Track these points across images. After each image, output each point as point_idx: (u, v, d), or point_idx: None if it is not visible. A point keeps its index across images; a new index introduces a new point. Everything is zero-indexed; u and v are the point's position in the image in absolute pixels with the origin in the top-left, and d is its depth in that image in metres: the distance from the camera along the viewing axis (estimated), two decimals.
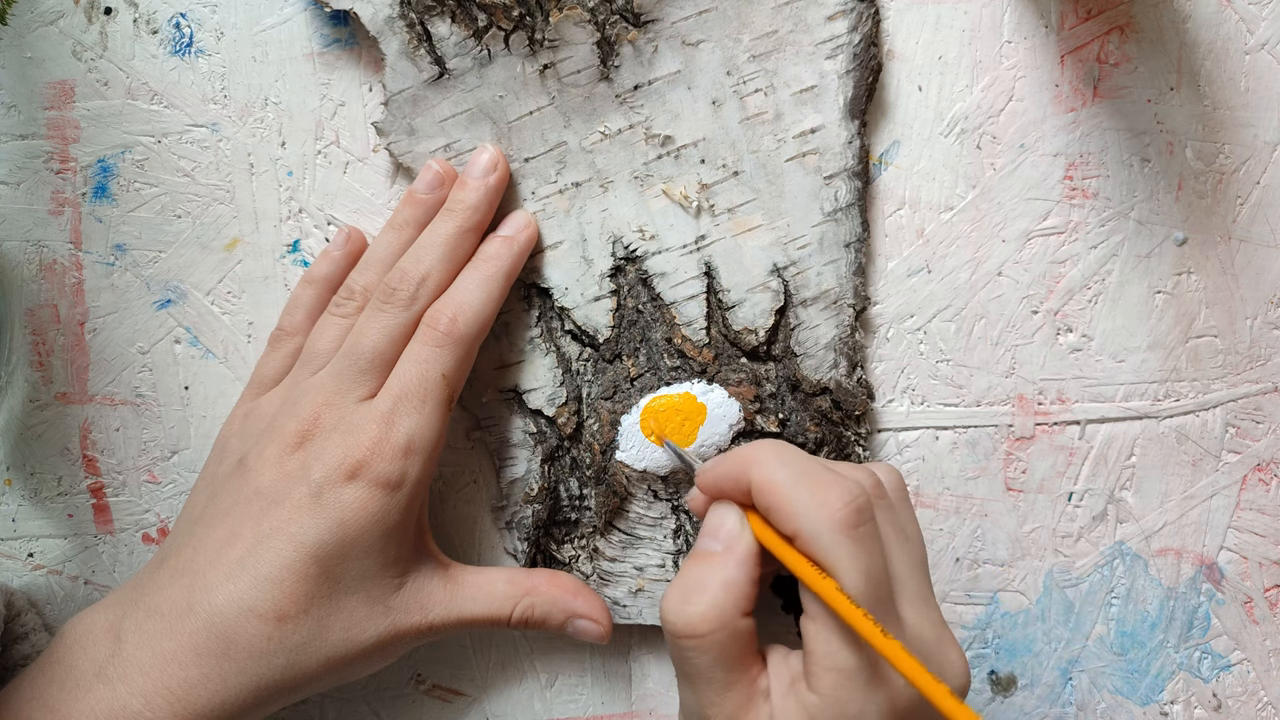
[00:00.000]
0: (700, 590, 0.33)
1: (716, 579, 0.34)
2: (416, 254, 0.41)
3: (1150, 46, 0.43)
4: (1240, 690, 0.45)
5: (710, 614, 0.33)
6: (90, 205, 0.44)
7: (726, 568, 0.34)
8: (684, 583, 0.34)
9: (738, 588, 0.33)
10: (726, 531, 0.35)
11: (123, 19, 0.43)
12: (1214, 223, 0.44)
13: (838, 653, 0.32)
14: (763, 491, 0.34)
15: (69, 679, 0.36)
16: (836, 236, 0.43)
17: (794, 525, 0.33)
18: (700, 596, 0.33)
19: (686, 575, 0.34)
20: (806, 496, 0.33)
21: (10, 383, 0.44)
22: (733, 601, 0.33)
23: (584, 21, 0.41)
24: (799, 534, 0.33)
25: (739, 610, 0.33)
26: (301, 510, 0.37)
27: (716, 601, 0.33)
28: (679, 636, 0.33)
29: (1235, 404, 0.45)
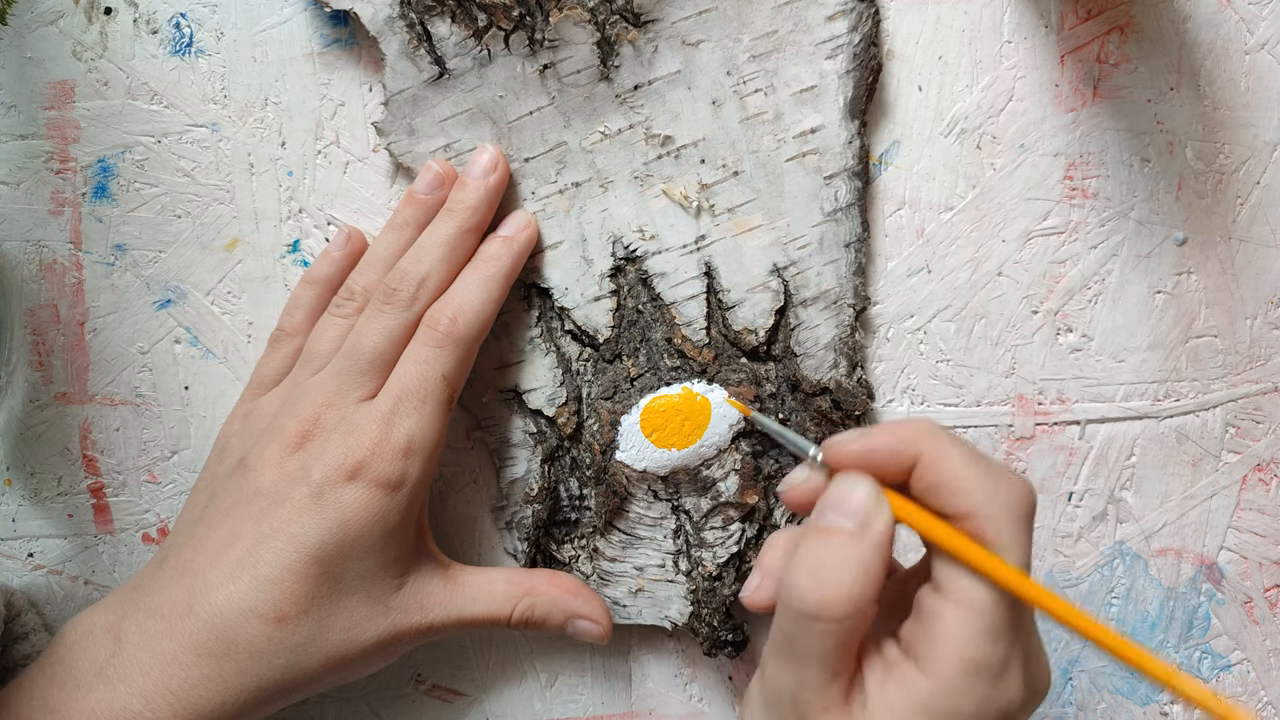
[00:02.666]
0: (835, 570, 0.31)
1: (852, 560, 0.31)
2: (417, 254, 0.41)
3: (1150, 46, 0.43)
4: (1240, 690, 0.45)
5: (849, 598, 0.30)
6: (90, 205, 0.44)
7: (863, 549, 0.31)
8: (815, 560, 0.31)
9: (875, 571, 0.31)
10: (858, 505, 0.32)
11: (123, 19, 0.43)
12: (1214, 223, 0.44)
13: (976, 641, 0.30)
14: (935, 468, 0.32)
15: (69, 679, 0.36)
16: (836, 236, 0.43)
17: (969, 505, 0.31)
18: (835, 576, 0.31)
19: (816, 552, 0.31)
20: (989, 480, 0.31)
21: (10, 383, 0.44)
22: (871, 585, 0.31)
23: (584, 21, 0.41)
24: (973, 514, 0.31)
25: (874, 595, 0.31)
26: (302, 510, 0.37)
27: (854, 584, 0.31)
28: (810, 618, 0.31)
29: (1235, 404, 0.45)
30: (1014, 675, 0.31)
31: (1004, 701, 0.30)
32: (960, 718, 0.30)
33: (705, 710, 0.45)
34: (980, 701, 0.30)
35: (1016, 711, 0.31)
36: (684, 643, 0.45)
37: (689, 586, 0.44)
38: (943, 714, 0.30)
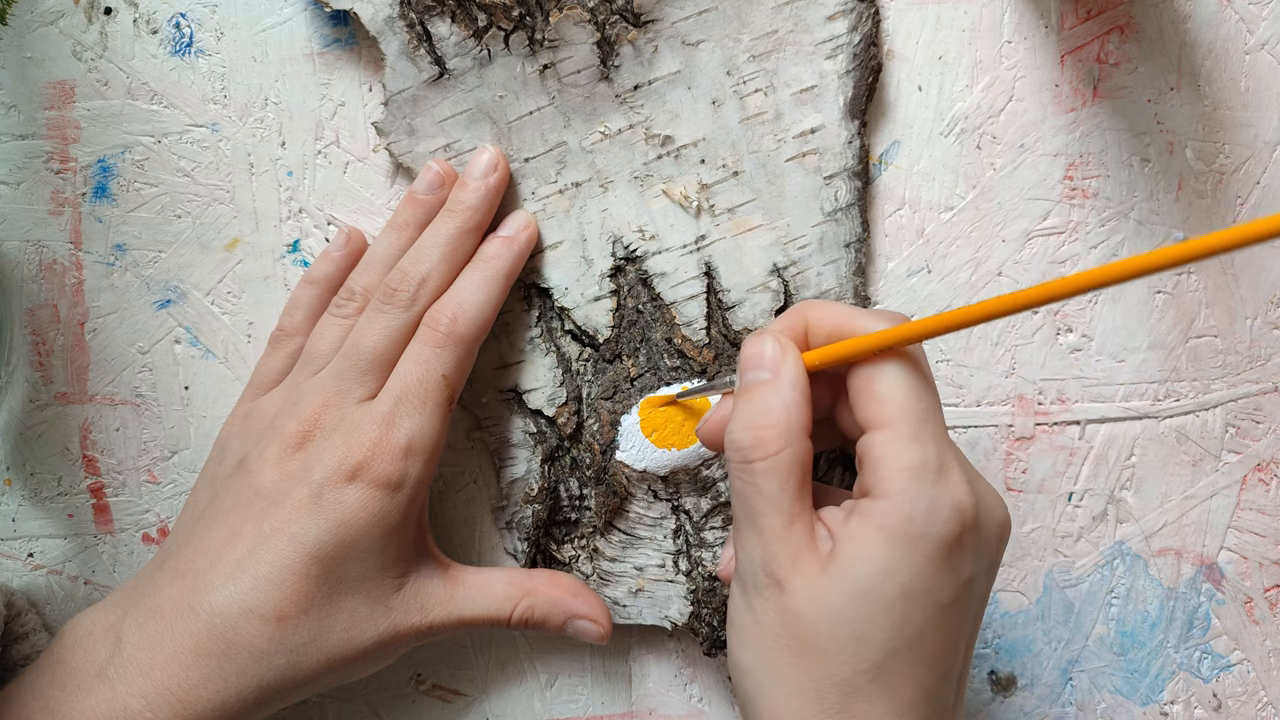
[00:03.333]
0: (762, 413, 0.34)
1: (775, 401, 0.34)
2: (417, 255, 0.41)
3: (1150, 46, 0.43)
4: (1240, 690, 0.45)
5: (779, 432, 0.33)
6: (90, 205, 0.44)
7: (781, 390, 0.34)
8: (745, 412, 0.34)
9: (797, 406, 0.34)
10: (769, 357, 0.35)
11: (123, 19, 0.43)
12: (1214, 223, 0.44)
13: (908, 450, 0.32)
14: (822, 322, 0.35)
15: (69, 679, 0.36)
16: (836, 236, 0.43)
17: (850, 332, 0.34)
18: (763, 418, 0.34)
19: (745, 406, 0.35)
20: (864, 317, 0.35)
21: (10, 383, 0.44)
22: (796, 417, 0.34)
23: (584, 21, 0.41)
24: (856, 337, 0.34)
25: (803, 427, 0.34)
26: (302, 511, 0.37)
27: (781, 418, 0.34)
28: (751, 460, 0.34)
29: (1235, 404, 0.45)
30: (955, 477, 0.33)
31: (952, 499, 0.32)
32: (917, 523, 0.32)
33: (705, 710, 0.45)
34: (929, 501, 0.32)
35: (969, 511, 0.32)
36: (684, 643, 0.45)
37: (689, 586, 0.44)
38: (899, 524, 0.32)
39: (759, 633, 0.34)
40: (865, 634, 0.32)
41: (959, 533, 0.32)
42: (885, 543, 0.32)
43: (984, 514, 0.33)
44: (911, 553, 0.32)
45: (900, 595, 0.32)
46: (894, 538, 0.32)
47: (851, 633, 0.32)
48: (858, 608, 0.32)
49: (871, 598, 0.32)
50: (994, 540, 0.34)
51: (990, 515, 0.34)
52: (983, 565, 0.34)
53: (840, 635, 0.32)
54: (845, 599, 0.32)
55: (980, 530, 0.33)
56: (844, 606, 0.32)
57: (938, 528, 0.32)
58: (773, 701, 0.33)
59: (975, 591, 0.34)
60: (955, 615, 0.33)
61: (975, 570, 0.33)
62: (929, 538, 0.32)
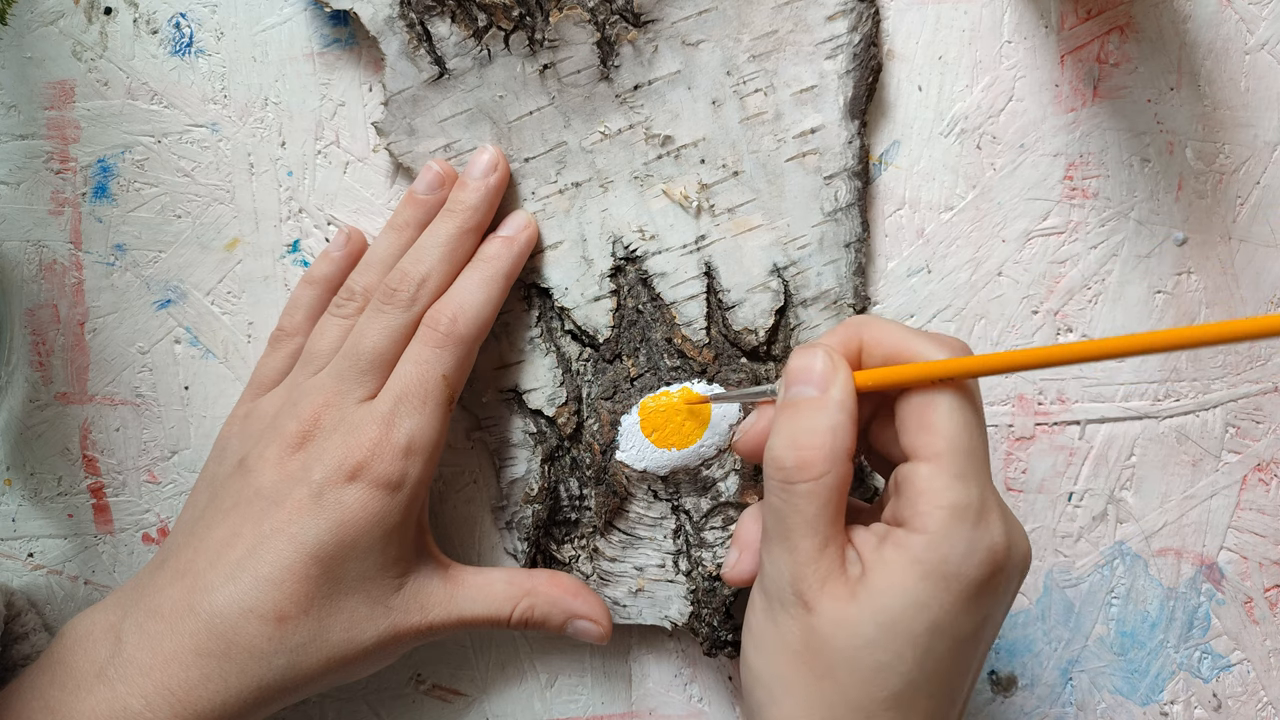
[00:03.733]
0: (807, 433, 0.33)
1: (821, 421, 0.33)
2: (417, 255, 0.41)
3: (1150, 46, 0.43)
4: (1240, 690, 0.45)
5: (823, 455, 0.33)
6: (90, 205, 0.44)
7: (829, 410, 0.34)
8: (789, 429, 0.34)
9: (843, 428, 0.33)
10: (818, 373, 0.34)
11: (123, 19, 0.43)
12: (1214, 223, 0.44)
13: (952, 488, 0.32)
14: (879, 343, 0.34)
15: (69, 679, 0.36)
16: (836, 236, 0.43)
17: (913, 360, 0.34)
18: (808, 438, 0.33)
19: (790, 423, 0.34)
20: (924, 340, 0.34)
21: (10, 383, 0.44)
22: (841, 441, 0.33)
23: (584, 21, 0.41)
24: None
25: (847, 452, 0.33)
26: (302, 511, 0.37)
27: (825, 441, 0.33)
28: (793, 481, 0.33)
29: (1235, 404, 0.45)
30: (994, 518, 0.32)
31: (989, 542, 0.32)
32: (951, 562, 0.32)
33: (705, 710, 0.45)
34: (967, 543, 0.32)
35: (1003, 554, 0.32)
36: (684, 643, 0.45)
37: (689, 586, 0.44)
38: (935, 562, 0.32)
39: (779, 645, 0.34)
40: (888, 664, 0.32)
41: (990, 575, 0.32)
42: (919, 578, 0.32)
43: (1015, 554, 0.33)
44: (944, 591, 0.32)
45: (927, 631, 0.32)
46: (928, 574, 0.32)
47: (874, 661, 0.32)
48: (885, 639, 0.32)
49: (898, 629, 0.32)
50: (1017, 577, 0.34)
51: (1018, 554, 0.33)
52: (1003, 603, 0.34)
53: (863, 663, 0.32)
54: (873, 628, 0.32)
55: (1009, 570, 0.33)
56: (871, 635, 0.32)
57: (972, 570, 0.32)
58: (782, 713, 0.33)
59: (992, 624, 0.34)
60: (972, 648, 0.33)
61: (995, 608, 0.33)
62: (962, 578, 0.32)
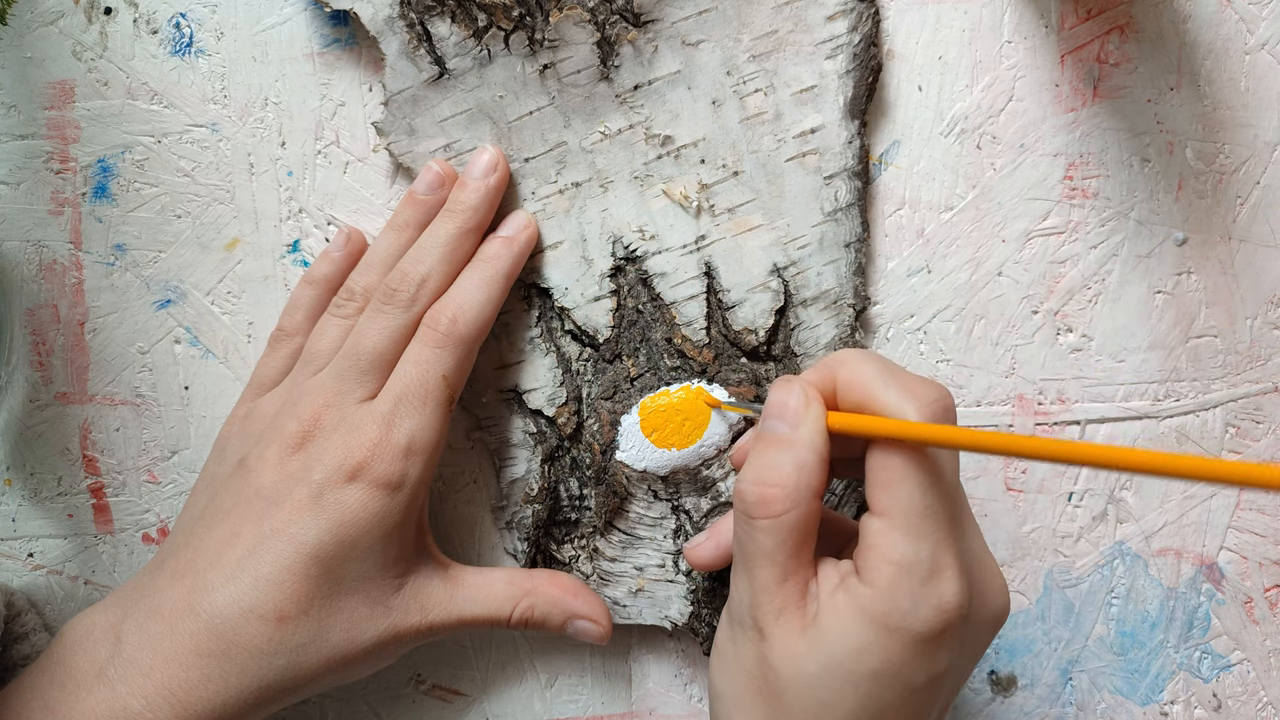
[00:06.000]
0: (774, 470, 0.34)
1: (789, 460, 0.34)
2: (417, 255, 0.41)
3: (1150, 46, 0.43)
4: (1240, 690, 0.45)
5: (786, 494, 0.33)
6: (90, 205, 0.44)
7: (797, 449, 0.34)
8: (756, 464, 0.34)
9: (810, 468, 0.34)
10: (792, 410, 0.35)
11: (123, 19, 0.43)
12: (1214, 223, 0.44)
13: (899, 545, 0.32)
14: (851, 387, 0.34)
15: (69, 680, 0.36)
16: (836, 236, 0.43)
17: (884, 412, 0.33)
18: (773, 475, 0.34)
19: (758, 458, 0.34)
20: (895, 390, 0.33)
21: (10, 383, 0.44)
22: (806, 480, 0.34)
23: (584, 21, 0.41)
24: None
25: (812, 491, 0.34)
26: (302, 511, 0.37)
27: (790, 480, 0.33)
28: (753, 516, 0.34)
29: (1235, 404, 0.45)
30: (947, 576, 0.32)
31: (938, 600, 0.32)
32: (895, 616, 0.32)
33: (705, 710, 0.45)
34: (912, 600, 0.32)
35: (954, 610, 0.32)
36: (684, 643, 0.45)
37: (689, 586, 0.44)
38: (880, 614, 0.32)
39: (737, 666, 0.35)
40: (830, 703, 0.33)
41: (940, 630, 0.32)
42: (863, 625, 0.32)
43: (976, 610, 0.33)
44: (888, 639, 0.32)
45: (870, 676, 0.32)
46: (871, 623, 0.32)
47: (817, 698, 0.33)
48: (828, 678, 0.32)
49: (841, 672, 0.32)
50: (985, 631, 0.34)
51: (984, 608, 0.34)
52: (966, 654, 0.34)
53: (806, 697, 0.33)
54: (817, 667, 0.33)
55: (968, 624, 0.33)
56: (815, 673, 0.33)
57: (918, 624, 0.32)
58: None
59: (952, 674, 0.34)
60: (927, 696, 0.33)
61: (955, 659, 0.33)
62: (907, 631, 0.32)
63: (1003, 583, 0.35)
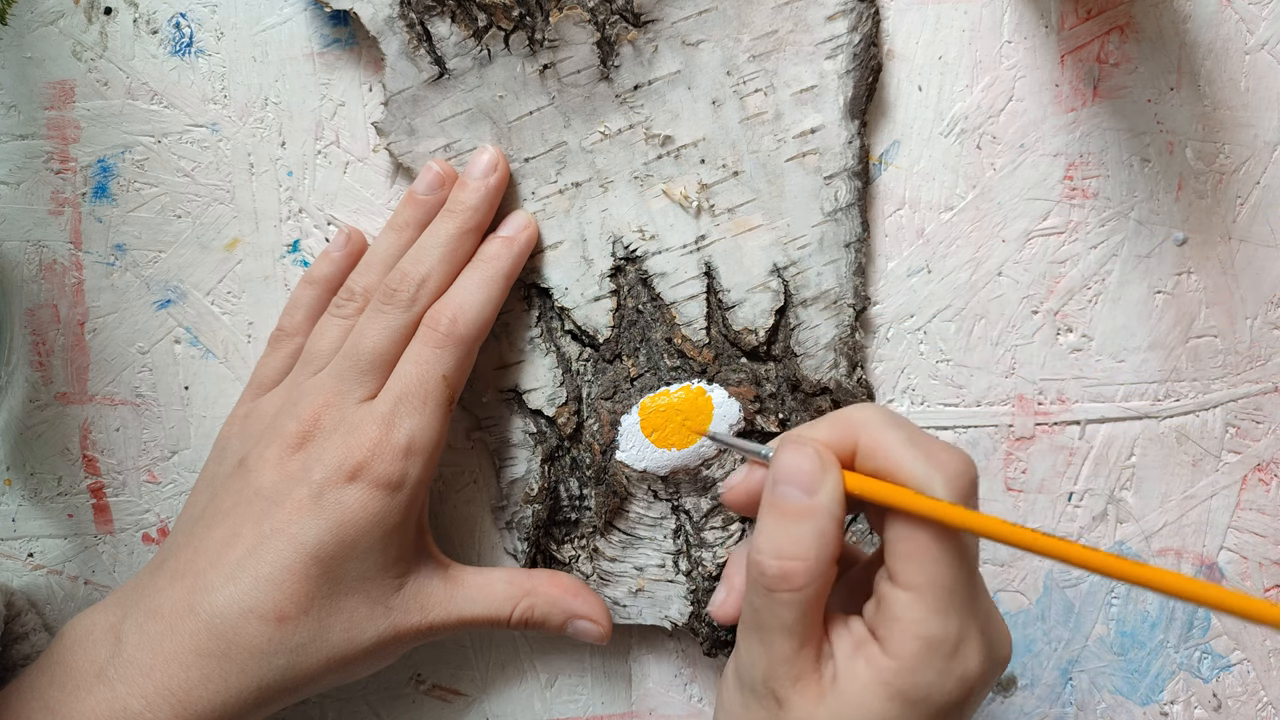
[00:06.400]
0: (792, 541, 0.32)
1: (807, 529, 0.32)
2: (417, 255, 0.41)
3: (1150, 46, 0.43)
4: (1240, 690, 0.45)
5: (808, 567, 0.32)
6: (90, 205, 0.44)
7: (816, 518, 0.33)
8: (773, 536, 0.33)
9: (829, 536, 0.33)
10: (807, 476, 0.33)
11: (123, 19, 0.43)
12: (1214, 223, 0.44)
13: (929, 621, 0.31)
14: (874, 454, 0.33)
15: (69, 680, 0.36)
16: (836, 236, 0.43)
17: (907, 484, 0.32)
18: (793, 548, 0.32)
19: (776, 529, 0.33)
20: (924, 461, 0.32)
21: (10, 383, 0.44)
22: (827, 550, 0.33)
23: (584, 21, 0.41)
24: None
25: (832, 558, 0.33)
26: (302, 511, 0.37)
27: (811, 552, 0.32)
28: (774, 590, 0.32)
29: (1235, 404, 0.45)
30: (971, 648, 0.32)
31: (961, 672, 0.32)
32: (920, 689, 0.32)
33: (705, 710, 0.45)
34: (938, 674, 0.32)
35: (976, 679, 0.32)
36: (684, 643, 0.45)
37: (689, 586, 0.44)
38: (903, 689, 0.32)
39: None
40: None
41: (962, 700, 0.32)
42: (886, 698, 0.32)
43: (991, 669, 0.33)
44: (910, 712, 0.32)
45: None
46: (894, 696, 0.32)
47: None
48: None
49: None
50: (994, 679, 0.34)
51: (996, 663, 0.33)
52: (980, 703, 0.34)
53: None
54: None
55: (983, 690, 0.33)
56: None
57: (941, 697, 0.32)
58: None
59: None
60: None
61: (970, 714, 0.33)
62: (930, 703, 0.32)
63: (1007, 632, 0.34)
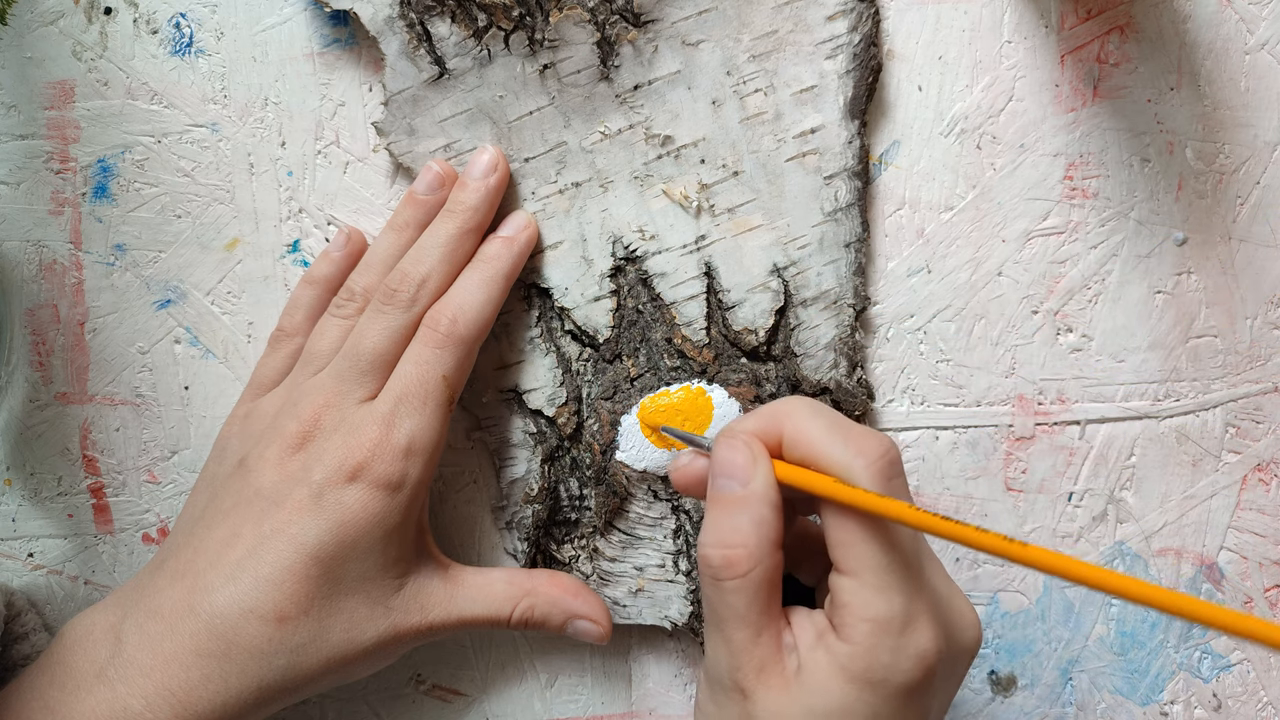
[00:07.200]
0: (735, 531, 0.34)
1: (746, 519, 0.34)
2: (417, 255, 0.41)
3: (1150, 46, 0.43)
4: (1240, 690, 0.45)
5: (749, 554, 0.33)
6: (90, 205, 0.44)
7: (752, 506, 0.34)
8: (717, 527, 0.34)
9: (768, 522, 0.34)
10: (740, 467, 0.34)
11: (123, 19, 0.43)
12: (1214, 223, 0.44)
13: (872, 602, 0.32)
14: (797, 443, 0.34)
15: (69, 680, 0.36)
16: (836, 236, 0.43)
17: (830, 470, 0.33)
18: (733, 536, 0.34)
19: (717, 520, 0.34)
20: (842, 446, 0.33)
21: (10, 383, 0.44)
22: (766, 535, 0.34)
23: (584, 21, 0.41)
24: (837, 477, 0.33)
25: (773, 544, 0.34)
26: (302, 511, 0.37)
27: (750, 539, 0.33)
28: (721, 578, 0.33)
29: (1235, 404, 0.45)
30: (921, 624, 0.33)
31: (916, 650, 0.32)
32: (876, 671, 0.32)
33: None
34: (890, 654, 0.32)
35: (933, 656, 0.33)
36: (684, 643, 0.45)
37: (689, 586, 0.44)
38: (861, 672, 0.32)
39: None
40: None
41: (921, 678, 0.32)
42: (845, 682, 0.32)
43: (952, 647, 0.34)
44: (871, 694, 0.32)
45: None
46: (853, 679, 0.32)
47: None
48: None
49: None
50: (961, 664, 0.35)
51: (958, 645, 0.34)
52: (946, 689, 0.34)
53: None
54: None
55: (947, 663, 0.33)
56: None
57: (899, 676, 0.32)
58: None
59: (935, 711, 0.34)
60: None
61: (939, 696, 0.34)
62: (889, 684, 0.32)
63: (973, 614, 0.35)
